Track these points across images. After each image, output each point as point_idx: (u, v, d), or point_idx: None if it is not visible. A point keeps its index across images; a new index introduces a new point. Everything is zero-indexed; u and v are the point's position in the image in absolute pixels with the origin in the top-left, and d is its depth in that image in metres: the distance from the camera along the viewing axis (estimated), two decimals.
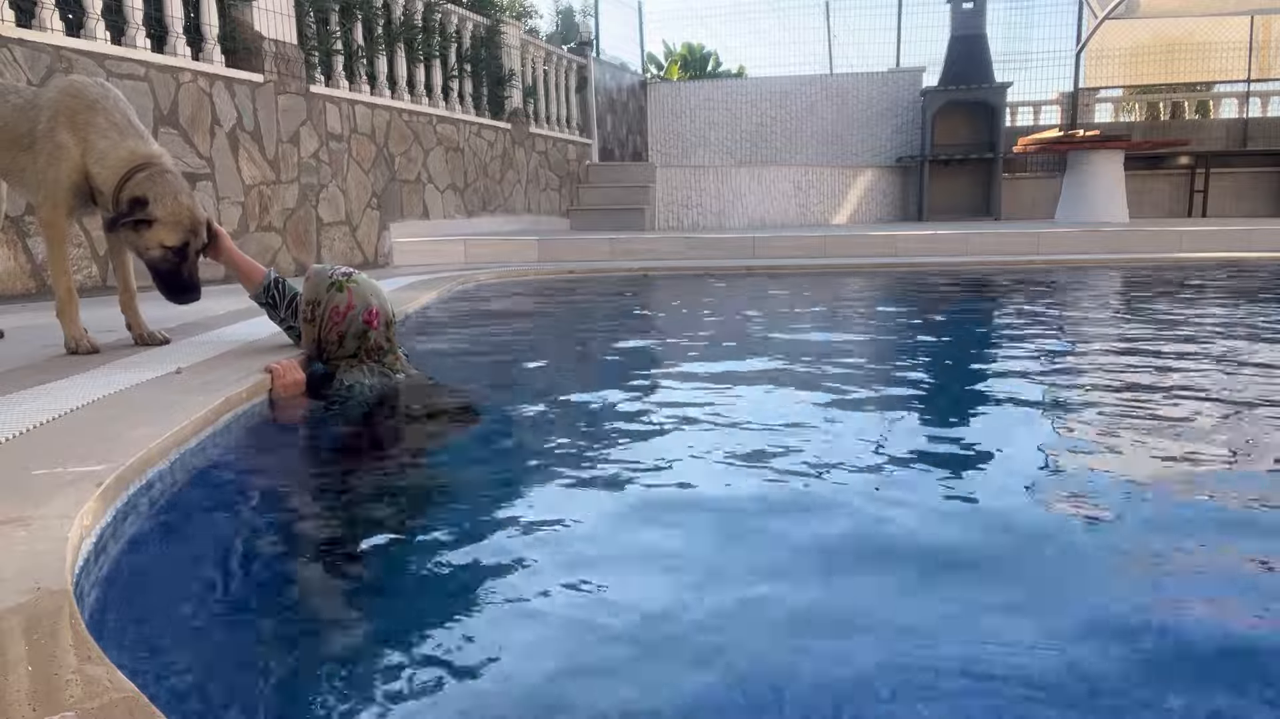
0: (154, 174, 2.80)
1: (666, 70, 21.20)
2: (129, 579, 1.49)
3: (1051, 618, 1.37)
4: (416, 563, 1.63)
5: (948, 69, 14.26)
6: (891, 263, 8.16)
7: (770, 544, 1.68)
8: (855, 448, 2.35)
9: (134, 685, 0.94)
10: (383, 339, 2.85)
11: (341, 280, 2.85)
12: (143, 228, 2.79)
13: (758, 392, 3.09)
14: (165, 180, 2.82)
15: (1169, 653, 1.27)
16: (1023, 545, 1.69)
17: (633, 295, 6.76)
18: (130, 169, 2.80)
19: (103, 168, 2.81)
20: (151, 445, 1.83)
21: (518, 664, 1.26)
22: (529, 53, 11.33)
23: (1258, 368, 3.41)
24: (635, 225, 11.89)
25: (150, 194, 2.77)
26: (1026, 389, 3.18)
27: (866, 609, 1.42)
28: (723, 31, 29.23)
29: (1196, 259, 8.07)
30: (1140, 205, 13.20)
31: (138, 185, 2.78)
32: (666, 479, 2.09)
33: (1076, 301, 5.99)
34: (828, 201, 13.92)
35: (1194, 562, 1.62)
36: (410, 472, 2.19)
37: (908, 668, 1.22)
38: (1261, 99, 15.52)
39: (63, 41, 5.06)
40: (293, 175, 6.90)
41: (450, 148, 9.33)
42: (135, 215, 2.76)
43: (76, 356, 2.92)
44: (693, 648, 1.29)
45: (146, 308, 3.26)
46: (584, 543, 1.70)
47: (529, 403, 2.99)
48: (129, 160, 2.82)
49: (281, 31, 6.84)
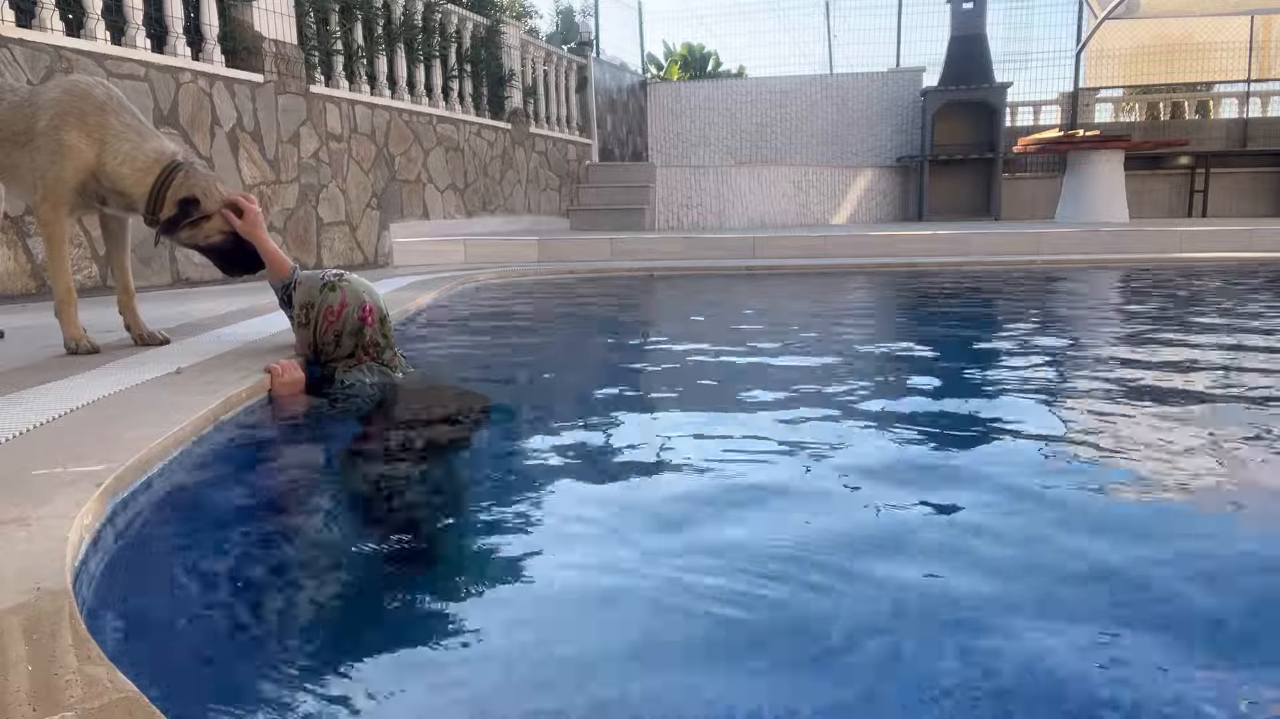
0: (189, 171, 2.94)
1: (666, 70, 21.19)
2: (129, 579, 1.49)
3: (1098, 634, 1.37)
4: (418, 563, 1.63)
5: (948, 69, 14.26)
6: (892, 263, 8.16)
7: (775, 535, 1.68)
8: (855, 443, 2.35)
9: (134, 685, 0.94)
10: (378, 335, 2.86)
11: (334, 281, 2.86)
12: (201, 223, 2.96)
13: (758, 391, 3.08)
14: (202, 175, 2.98)
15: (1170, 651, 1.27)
16: (1027, 545, 1.69)
17: (633, 295, 6.76)
18: (164, 170, 2.89)
19: (132, 169, 2.87)
20: (151, 445, 1.83)
21: (520, 660, 1.25)
22: (529, 53, 11.33)
23: (1259, 371, 3.41)
24: (635, 225, 11.89)
25: (197, 192, 2.92)
26: (1027, 389, 3.17)
27: (879, 600, 1.42)
28: (723, 31, 29.23)
29: (1197, 259, 8.07)
30: (1140, 205, 13.21)
31: (182, 186, 2.90)
32: (669, 478, 2.08)
33: (1077, 302, 5.99)
34: (828, 201, 13.91)
35: (1195, 557, 1.62)
36: (411, 471, 2.19)
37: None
38: (1261, 99, 15.53)
39: (63, 41, 5.06)
40: (293, 175, 6.90)
41: (450, 148, 9.33)
42: (194, 215, 2.92)
43: (76, 357, 2.92)
44: (707, 644, 1.29)
45: (146, 308, 3.26)
46: (590, 543, 1.70)
47: (530, 403, 2.99)
48: (158, 161, 2.90)
49: (281, 31, 6.84)
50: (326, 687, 1.19)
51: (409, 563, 1.64)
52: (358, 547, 1.71)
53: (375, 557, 1.66)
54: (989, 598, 1.44)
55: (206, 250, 3.05)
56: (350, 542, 1.75)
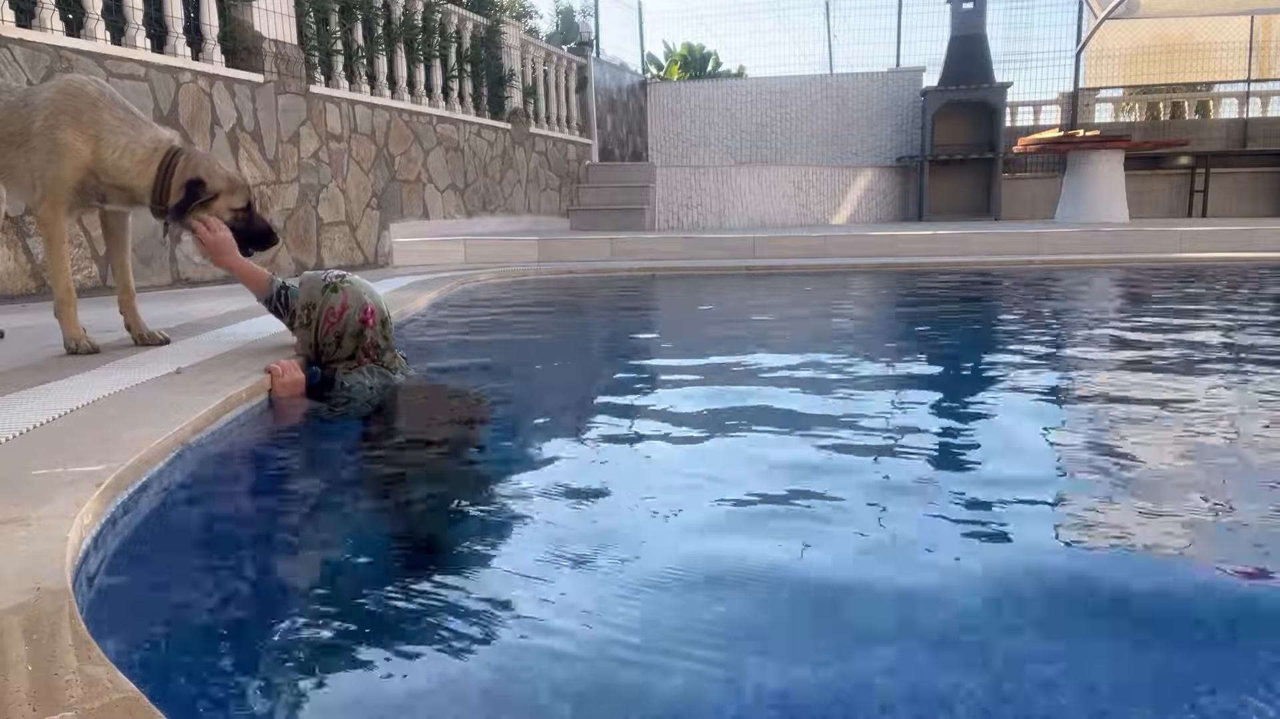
0: (190, 155, 2.95)
1: (666, 70, 21.19)
2: (129, 579, 1.49)
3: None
4: (419, 563, 1.63)
5: (948, 69, 14.26)
6: (892, 263, 8.16)
7: (777, 534, 1.68)
8: (854, 442, 2.35)
9: (134, 685, 0.94)
10: (379, 337, 2.85)
11: (335, 282, 2.86)
12: (210, 204, 2.97)
13: (760, 391, 3.08)
14: (202, 156, 3.01)
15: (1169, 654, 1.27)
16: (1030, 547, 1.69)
17: (634, 295, 6.75)
18: (165, 157, 2.90)
19: (132, 160, 2.88)
20: (151, 445, 1.83)
21: (522, 660, 1.25)
22: (529, 53, 11.33)
23: (1261, 366, 3.41)
24: (635, 225, 11.89)
25: (201, 173, 2.93)
26: (1026, 390, 3.17)
27: (873, 600, 1.42)
28: (723, 31, 29.25)
29: (1197, 259, 8.06)
30: (1140, 205, 13.20)
31: (186, 169, 2.91)
32: (673, 476, 2.09)
33: (1077, 302, 5.99)
34: (828, 202, 13.91)
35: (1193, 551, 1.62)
36: (411, 472, 2.19)
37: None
38: (1261, 99, 15.52)
39: (63, 41, 5.06)
40: (293, 175, 6.90)
41: (450, 148, 9.33)
42: (202, 197, 2.93)
43: (76, 357, 2.92)
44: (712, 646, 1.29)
45: (146, 308, 3.25)
46: (592, 542, 1.70)
47: (530, 403, 2.99)
48: (157, 150, 2.90)
49: (281, 31, 6.84)
50: (326, 686, 1.19)
51: (409, 563, 1.64)
52: (358, 547, 1.71)
53: (375, 557, 1.66)
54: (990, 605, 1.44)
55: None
56: (350, 542, 1.74)
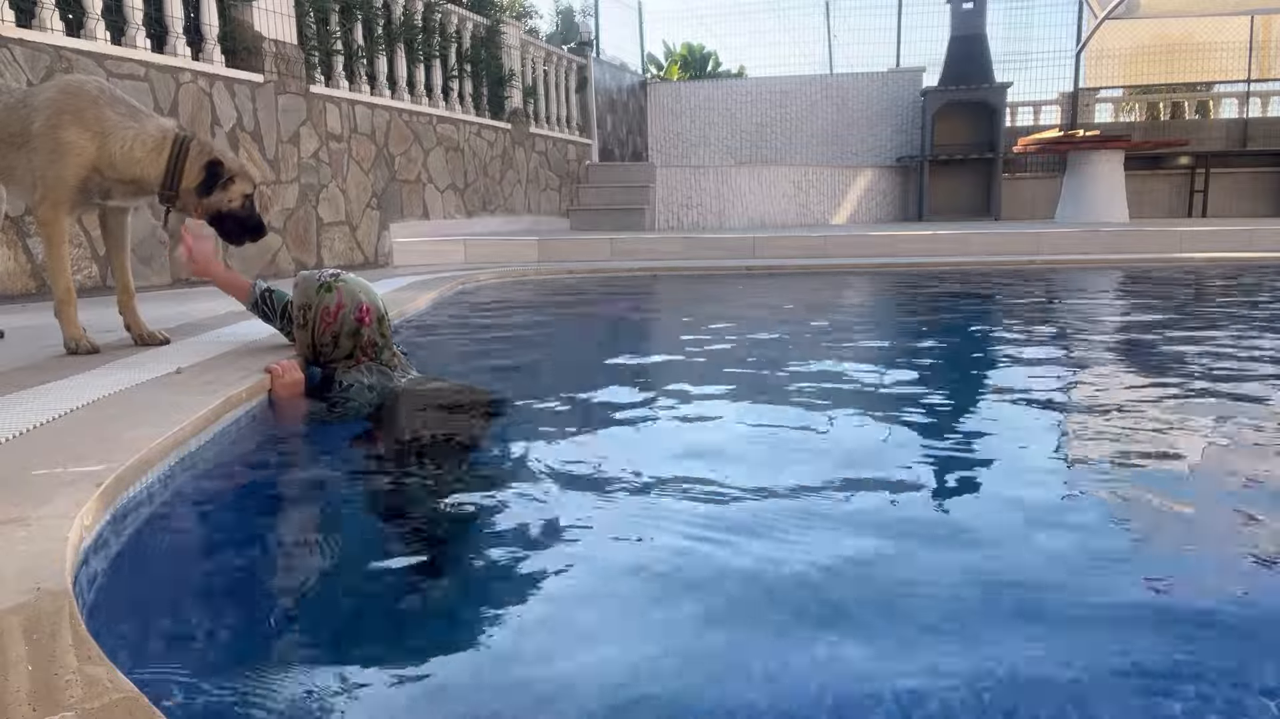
0: (199, 141, 2.97)
1: (666, 70, 21.18)
2: (129, 579, 1.49)
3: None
4: (419, 563, 1.63)
5: (948, 69, 14.26)
6: (892, 263, 8.16)
7: (779, 533, 1.68)
8: (855, 441, 2.35)
9: (134, 685, 0.94)
10: (376, 335, 2.84)
11: (330, 281, 2.85)
12: (229, 185, 2.99)
13: (762, 390, 3.09)
14: (211, 143, 3.02)
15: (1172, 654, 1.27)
16: (1029, 545, 1.69)
17: (634, 295, 6.75)
18: (175, 143, 2.91)
19: (143, 150, 2.88)
20: (151, 445, 1.83)
21: (525, 661, 1.25)
22: (529, 53, 11.33)
23: (1262, 361, 3.41)
24: (635, 225, 11.89)
25: (217, 154, 2.95)
26: (1026, 390, 3.17)
27: (874, 601, 1.42)
28: (723, 31, 29.22)
29: (1197, 259, 8.06)
30: (1140, 205, 13.20)
31: (201, 154, 2.92)
32: (671, 475, 2.08)
33: (1077, 302, 5.99)
34: (828, 201, 13.91)
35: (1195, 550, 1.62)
36: (412, 472, 2.19)
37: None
38: (1261, 99, 15.52)
39: (63, 41, 5.06)
40: (293, 175, 6.90)
41: (450, 148, 9.33)
42: (224, 176, 2.95)
43: (76, 356, 2.92)
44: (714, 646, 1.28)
45: (146, 308, 3.25)
46: (594, 540, 1.70)
47: (532, 400, 2.99)
48: (165, 138, 2.91)
49: (281, 31, 6.84)
50: (326, 686, 1.19)
51: (410, 562, 1.64)
52: (359, 546, 1.71)
53: (376, 556, 1.66)
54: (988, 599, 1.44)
55: (226, 218, 3.03)
56: (351, 541, 1.74)
